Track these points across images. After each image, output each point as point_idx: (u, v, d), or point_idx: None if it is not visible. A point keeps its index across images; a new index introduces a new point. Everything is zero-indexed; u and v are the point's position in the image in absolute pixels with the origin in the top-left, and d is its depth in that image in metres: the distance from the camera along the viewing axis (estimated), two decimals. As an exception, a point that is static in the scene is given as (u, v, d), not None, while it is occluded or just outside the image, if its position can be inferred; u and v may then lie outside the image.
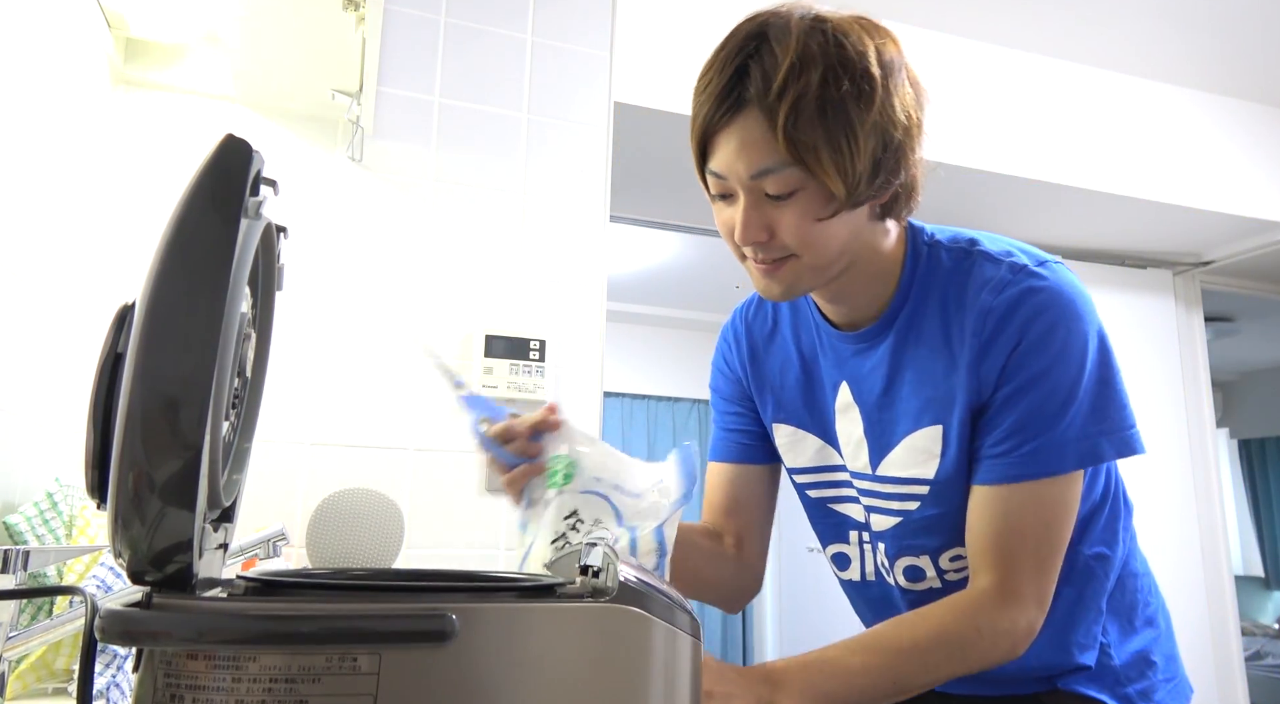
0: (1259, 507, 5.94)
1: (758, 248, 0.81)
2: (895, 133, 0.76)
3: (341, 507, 1.16)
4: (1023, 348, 0.80)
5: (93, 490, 0.47)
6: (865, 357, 0.90)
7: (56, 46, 1.28)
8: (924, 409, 0.85)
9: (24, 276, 1.17)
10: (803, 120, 0.73)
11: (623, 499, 0.77)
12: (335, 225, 1.71)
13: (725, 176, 0.79)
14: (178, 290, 0.44)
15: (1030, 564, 0.80)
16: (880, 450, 0.89)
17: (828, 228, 0.79)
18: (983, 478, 0.82)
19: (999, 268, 0.83)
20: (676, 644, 0.50)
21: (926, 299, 0.86)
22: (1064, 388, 0.80)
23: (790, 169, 0.75)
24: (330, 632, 0.44)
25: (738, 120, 0.76)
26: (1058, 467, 0.80)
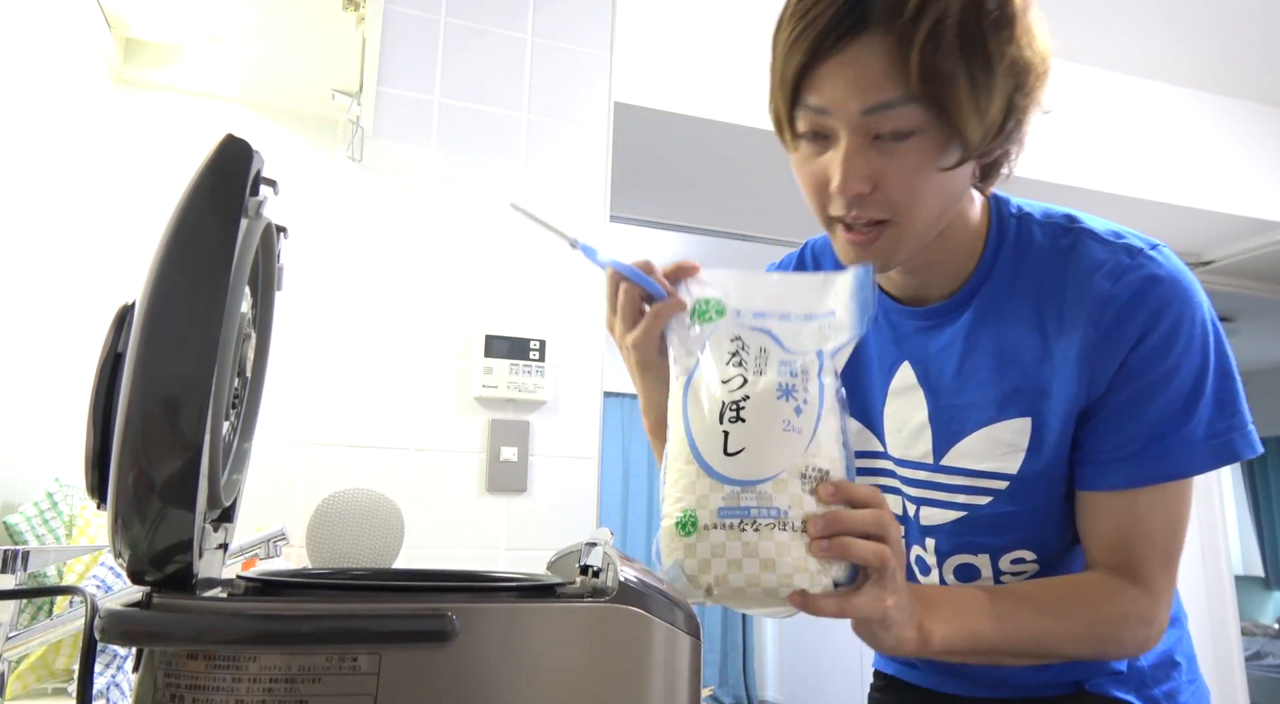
0: (1259, 507, 5.94)
1: (854, 203, 0.70)
2: (1029, 76, 0.68)
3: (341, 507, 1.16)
4: (1149, 344, 0.73)
5: (93, 490, 0.47)
6: (933, 334, 0.82)
7: (56, 46, 1.28)
8: (1009, 399, 0.78)
9: (24, 276, 1.17)
10: (944, 47, 0.63)
11: (786, 328, 0.68)
12: (335, 225, 1.71)
13: (829, 111, 0.68)
14: (178, 290, 0.44)
15: (1160, 563, 0.77)
16: (948, 439, 0.82)
17: (938, 181, 0.69)
18: (1105, 482, 0.77)
19: (1112, 250, 0.75)
20: (676, 644, 0.50)
21: (1016, 277, 0.78)
22: (1190, 384, 0.74)
23: (914, 105, 0.65)
24: (330, 632, 0.44)
25: (855, 45, 0.65)
26: (1188, 468, 0.75)
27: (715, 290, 0.70)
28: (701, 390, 0.66)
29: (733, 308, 0.69)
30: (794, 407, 0.64)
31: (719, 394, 0.64)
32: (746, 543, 0.60)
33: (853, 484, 0.65)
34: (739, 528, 0.60)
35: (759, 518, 0.61)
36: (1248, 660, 3.27)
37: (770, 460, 0.62)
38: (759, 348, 0.66)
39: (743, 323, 0.68)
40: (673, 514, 0.63)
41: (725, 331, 0.68)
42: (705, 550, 0.61)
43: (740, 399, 0.64)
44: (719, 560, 0.60)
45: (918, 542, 0.88)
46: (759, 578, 0.60)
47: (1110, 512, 0.77)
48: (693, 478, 0.63)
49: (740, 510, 0.61)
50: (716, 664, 5.54)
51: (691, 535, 0.61)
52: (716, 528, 0.61)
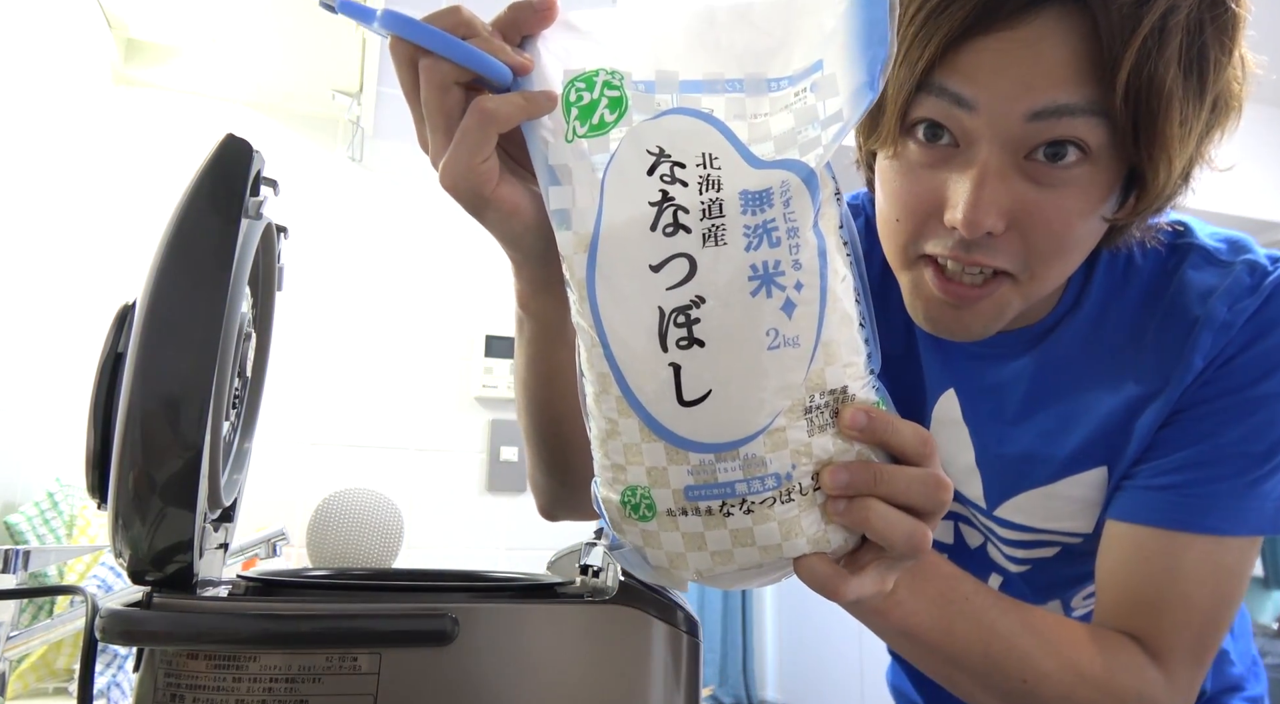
0: (1259, 507, 5.94)
1: (978, 245, 0.51)
2: (1232, 101, 0.54)
3: (341, 507, 1.16)
4: (1244, 360, 0.57)
5: (93, 490, 0.47)
6: (992, 365, 0.65)
7: (57, 47, 1.28)
8: (1083, 451, 0.63)
9: (24, 276, 1.17)
10: (1165, 55, 0.46)
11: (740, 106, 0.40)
12: (335, 225, 1.71)
13: (975, 105, 0.49)
14: (178, 290, 0.44)
15: (1189, 646, 0.58)
16: (1001, 491, 0.67)
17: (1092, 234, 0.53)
18: (1136, 512, 0.60)
19: (1229, 270, 0.59)
20: (676, 644, 0.50)
21: (1109, 309, 0.62)
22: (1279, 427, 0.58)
23: (1101, 120, 0.48)
24: (330, 632, 0.44)
25: (1039, 20, 0.47)
26: (1240, 525, 0.58)
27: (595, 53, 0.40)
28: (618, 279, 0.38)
29: (635, 82, 0.39)
30: (782, 300, 0.37)
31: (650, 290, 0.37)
32: (736, 531, 0.39)
33: (892, 416, 0.41)
34: (721, 512, 0.39)
35: (750, 494, 0.38)
36: (1248, 660, 3.27)
37: (755, 404, 0.38)
38: (702, 155, 0.38)
39: (660, 112, 0.39)
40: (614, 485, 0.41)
41: (635, 145, 0.38)
42: (675, 542, 0.40)
43: (691, 300, 0.37)
44: (697, 553, 0.40)
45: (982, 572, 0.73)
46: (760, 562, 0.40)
47: (1144, 555, 0.59)
48: (635, 437, 0.39)
49: (720, 488, 0.38)
50: (716, 664, 5.53)
51: (649, 521, 0.40)
52: (686, 514, 0.39)
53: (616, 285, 0.38)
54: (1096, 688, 0.56)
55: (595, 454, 0.42)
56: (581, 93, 0.40)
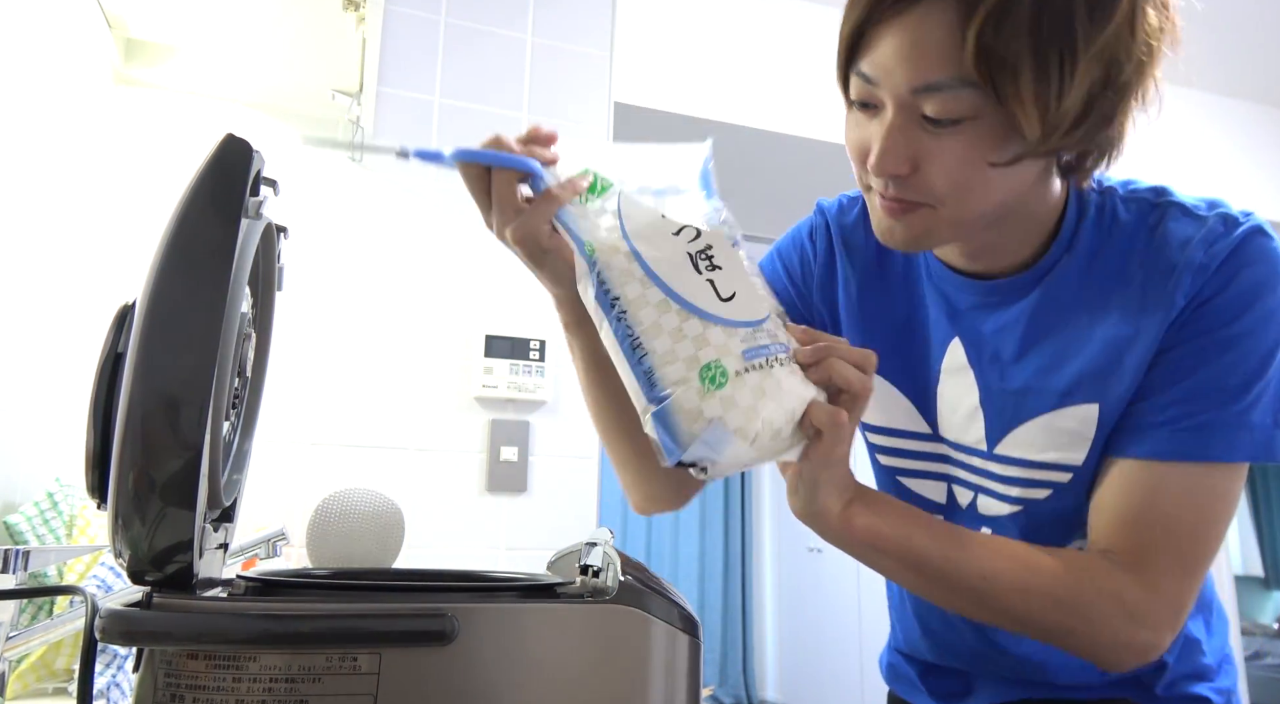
0: (1259, 507, 5.94)
1: (890, 182, 0.63)
2: (1126, 64, 0.59)
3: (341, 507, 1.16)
4: (1219, 302, 0.65)
5: (93, 490, 0.47)
6: (993, 312, 0.73)
7: (57, 47, 1.28)
8: (1076, 385, 0.70)
9: (24, 276, 1.17)
10: (1008, 27, 0.55)
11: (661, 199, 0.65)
12: (335, 225, 1.71)
13: (876, 82, 0.61)
14: (178, 290, 0.44)
15: (1174, 561, 0.64)
16: (1002, 426, 0.74)
17: (992, 176, 0.61)
18: (1131, 448, 0.67)
19: (1204, 222, 0.68)
20: (676, 644, 0.50)
21: (1096, 256, 0.70)
22: (1256, 358, 0.64)
23: (968, 90, 0.57)
24: (330, 632, 0.44)
25: (916, 10, 0.57)
26: (1225, 452, 0.64)
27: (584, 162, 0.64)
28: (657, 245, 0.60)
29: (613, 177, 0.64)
30: (742, 253, 0.63)
31: (682, 245, 0.60)
32: (776, 380, 0.57)
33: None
34: (767, 366, 0.57)
35: (776, 353, 0.58)
36: (1248, 660, 3.27)
37: (758, 299, 0.60)
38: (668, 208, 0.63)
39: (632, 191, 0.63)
40: (689, 378, 0.56)
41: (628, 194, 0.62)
42: (746, 396, 0.56)
43: (705, 247, 0.60)
44: (763, 401, 0.56)
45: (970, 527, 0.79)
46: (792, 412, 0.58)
47: (1130, 483, 0.67)
48: (699, 331, 0.57)
49: (762, 349, 0.58)
50: (716, 664, 5.54)
51: (725, 386, 0.55)
52: (749, 371, 0.57)
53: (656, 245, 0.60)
54: (1053, 578, 0.64)
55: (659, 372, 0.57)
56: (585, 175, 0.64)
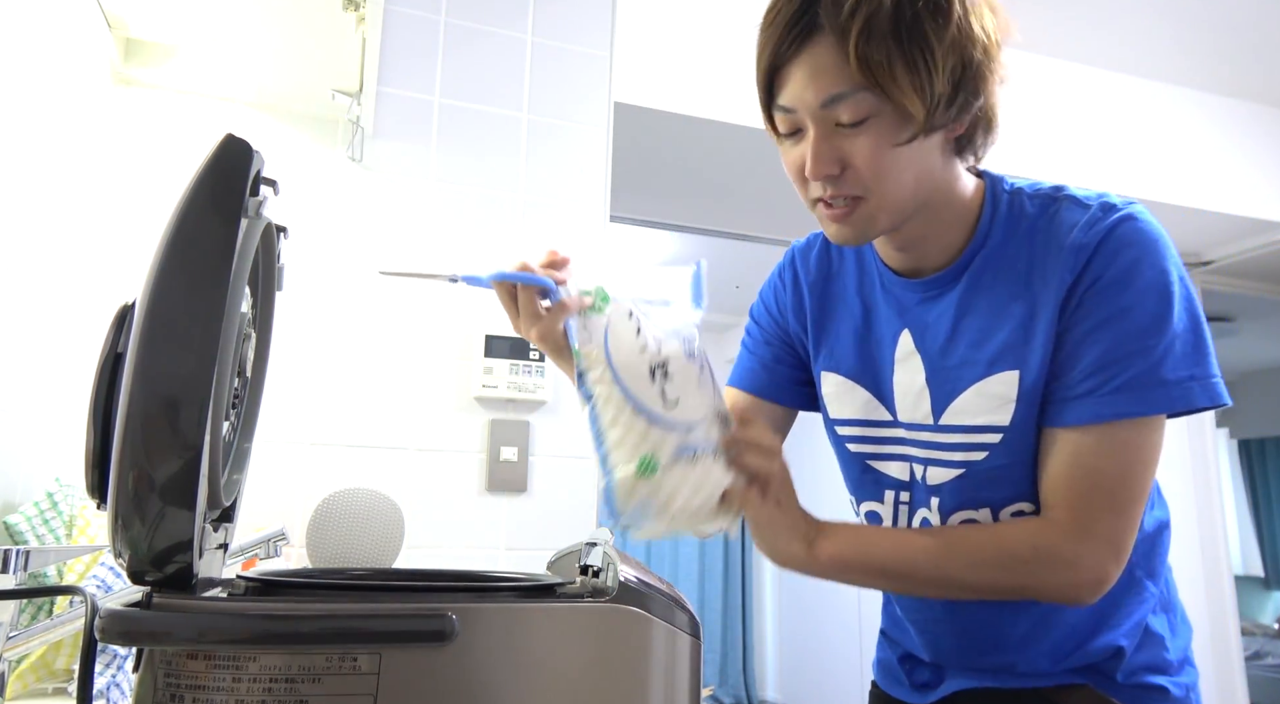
0: (1259, 507, 5.94)
1: (828, 183, 0.77)
2: (974, 51, 0.74)
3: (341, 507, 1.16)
4: (1107, 279, 0.77)
5: (93, 490, 0.47)
6: (932, 304, 0.87)
7: (56, 46, 1.28)
8: (999, 355, 0.82)
9: (24, 276, 1.17)
10: (875, 38, 0.70)
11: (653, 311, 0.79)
12: (335, 225, 1.71)
13: (795, 109, 0.76)
14: (178, 290, 0.44)
15: (1105, 505, 0.76)
16: (944, 399, 0.86)
17: (901, 157, 0.76)
18: (1062, 419, 0.79)
19: (1088, 209, 0.80)
20: (676, 644, 0.50)
21: (1006, 245, 0.83)
22: (1153, 323, 0.76)
23: (863, 93, 0.73)
24: (330, 632, 0.44)
25: (808, 47, 0.74)
26: (1147, 407, 0.75)
27: (593, 280, 0.79)
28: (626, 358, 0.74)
29: (613, 293, 0.78)
30: (698, 365, 0.77)
31: (646, 359, 0.74)
32: (698, 471, 0.72)
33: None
34: (693, 460, 0.72)
35: (701, 450, 0.73)
36: (1248, 660, 3.27)
37: (698, 405, 0.75)
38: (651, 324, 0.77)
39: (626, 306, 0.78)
40: (629, 463, 0.71)
41: (621, 311, 0.76)
42: (671, 483, 0.71)
43: (664, 361, 0.74)
44: (684, 488, 0.71)
45: (924, 503, 0.90)
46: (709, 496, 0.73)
47: (1064, 449, 0.78)
48: (644, 428, 0.72)
49: (691, 447, 0.73)
50: (716, 664, 5.53)
51: (655, 474, 0.71)
52: (676, 464, 0.72)
53: (625, 358, 0.73)
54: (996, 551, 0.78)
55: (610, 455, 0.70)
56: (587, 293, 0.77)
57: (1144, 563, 0.89)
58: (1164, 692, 0.87)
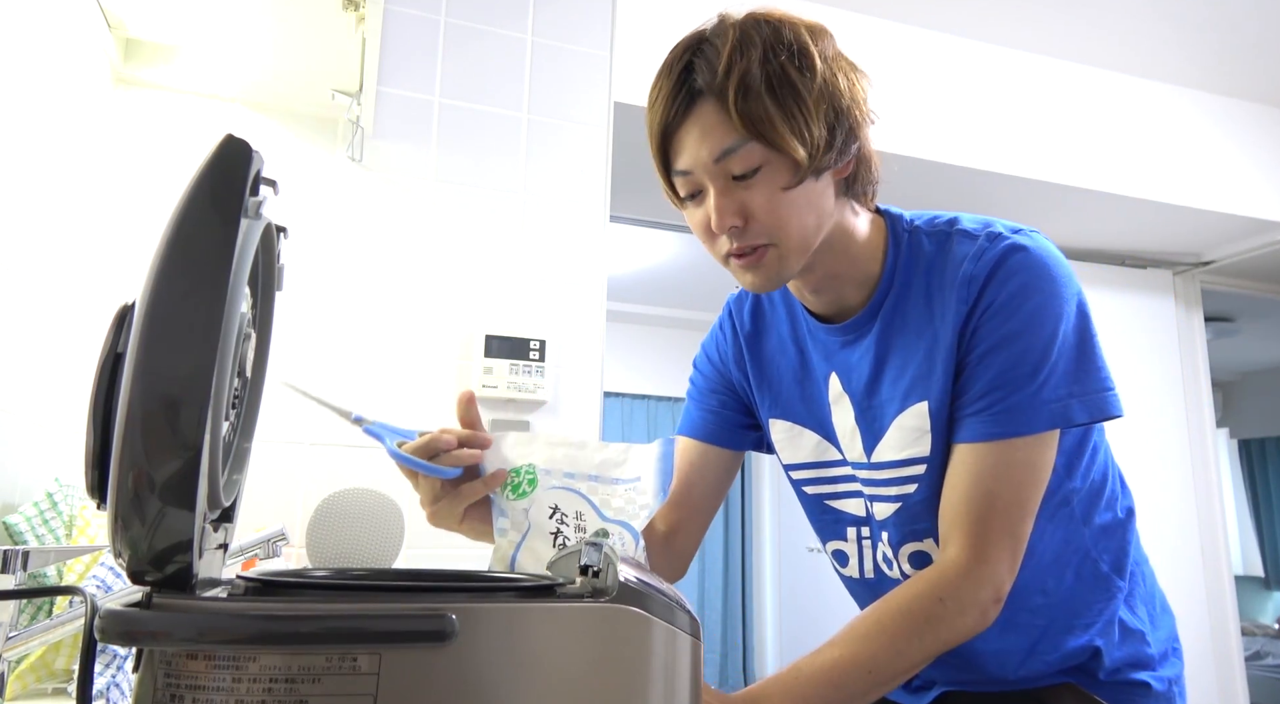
0: (1259, 507, 5.94)
1: (734, 236, 0.81)
2: (842, 99, 0.79)
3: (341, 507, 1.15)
4: (996, 306, 0.81)
5: (93, 490, 0.47)
6: (853, 347, 0.90)
7: (56, 46, 1.28)
8: (910, 389, 0.86)
9: (24, 276, 1.17)
10: (752, 95, 0.76)
11: (596, 489, 0.78)
12: (335, 225, 1.71)
13: (691, 170, 0.81)
14: (178, 290, 0.44)
15: (1000, 527, 0.79)
16: (873, 437, 0.89)
17: (797, 199, 0.80)
18: (960, 436, 0.83)
19: (976, 240, 0.84)
20: (676, 644, 0.50)
21: (910, 284, 0.87)
22: (1039, 347, 0.80)
23: (750, 144, 0.77)
24: (330, 632, 0.44)
25: (693, 113, 0.79)
26: (1029, 426, 0.80)
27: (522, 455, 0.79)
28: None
29: (542, 470, 0.79)
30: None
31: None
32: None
33: None
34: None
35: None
36: (1248, 660, 3.27)
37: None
38: (575, 512, 0.77)
39: (555, 485, 0.78)
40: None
41: (543, 502, 0.78)
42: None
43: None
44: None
45: (879, 538, 0.93)
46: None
47: (962, 467, 0.82)
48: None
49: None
50: (716, 664, 5.54)
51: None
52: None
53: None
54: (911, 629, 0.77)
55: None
56: (514, 476, 0.79)
57: (1110, 557, 0.91)
58: (1146, 687, 0.89)
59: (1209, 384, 3.40)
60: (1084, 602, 0.89)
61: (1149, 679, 0.89)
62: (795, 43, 0.78)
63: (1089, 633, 0.89)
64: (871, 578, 0.96)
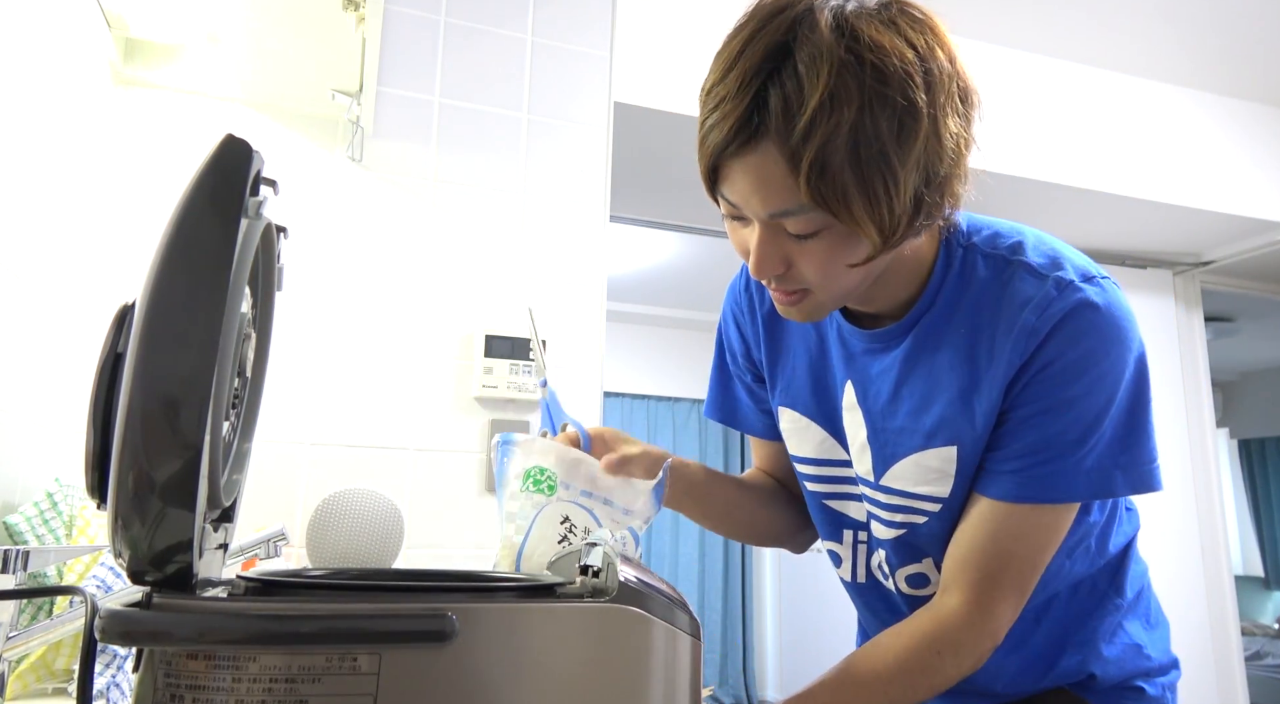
0: (1259, 507, 5.94)
1: (775, 282, 0.74)
2: (941, 166, 0.67)
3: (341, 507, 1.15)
4: (1057, 369, 0.74)
5: (93, 490, 0.47)
6: (876, 358, 0.84)
7: (56, 46, 1.28)
8: (938, 428, 0.80)
9: (24, 276, 1.17)
10: (832, 167, 0.63)
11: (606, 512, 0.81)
12: (335, 225, 1.71)
13: (738, 207, 0.71)
14: (178, 290, 0.44)
15: (1010, 583, 0.77)
16: (884, 462, 0.85)
17: (854, 270, 0.72)
18: (986, 490, 0.79)
19: (1043, 284, 0.75)
20: (676, 644, 0.50)
21: (955, 308, 0.79)
22: (1091, 415, 0.74)
23: (814, 213, 0.66)
24: (330, 632, 0.44)
25: (754, 154, 0.65)
26: (1066, 495, 0.76)
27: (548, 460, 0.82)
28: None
29: (562, 482, 0.80)
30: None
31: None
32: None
33: None
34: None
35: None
36: (1248, 660, 3.27)
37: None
38: (584, 527, 0.80)
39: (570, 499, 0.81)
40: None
41: (556, 509, 0.80)
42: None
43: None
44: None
45: (875, 549, 0.92)
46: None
47: (983, 519, 0.78)
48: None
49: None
50: (716, 664, 5.54)
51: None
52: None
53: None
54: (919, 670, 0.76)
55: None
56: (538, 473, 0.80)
57: (1110, 582, 0.90)
58: (1140, 692, 0.88)
59: (1209, 384, 3.40)
60: (1084, 620, 0.88)
61: (1144, 684, 0.88)
62: (901, 99, 0.63)
63: (1085, 651, 0.88)
64: (865, 583, 0.95)
